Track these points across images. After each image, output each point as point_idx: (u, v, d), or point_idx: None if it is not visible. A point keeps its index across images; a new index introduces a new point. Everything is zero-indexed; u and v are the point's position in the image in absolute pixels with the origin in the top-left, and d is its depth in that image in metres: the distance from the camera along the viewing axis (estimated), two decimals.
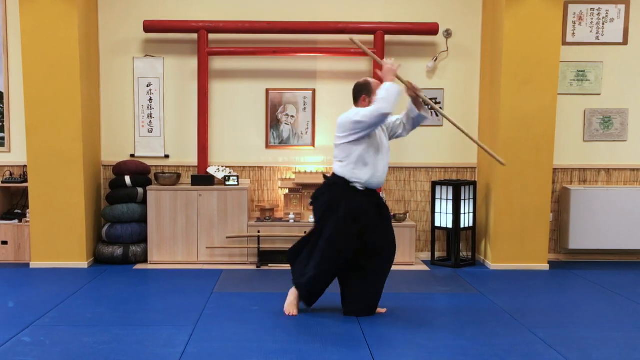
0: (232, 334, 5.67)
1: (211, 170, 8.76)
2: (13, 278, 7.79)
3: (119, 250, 8.45)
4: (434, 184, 8.75)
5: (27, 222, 8.50)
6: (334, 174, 6.17)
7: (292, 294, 6.35)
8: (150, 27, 8.61)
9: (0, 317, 6.16)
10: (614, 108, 8.98)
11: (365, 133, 5.97)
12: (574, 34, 8.87)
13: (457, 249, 8.57)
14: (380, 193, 6.47)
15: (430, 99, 8.78)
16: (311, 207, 6.46)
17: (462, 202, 8.55)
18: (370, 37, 8.73)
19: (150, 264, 8.49)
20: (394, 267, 6.36)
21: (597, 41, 8.91)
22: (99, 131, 8.95)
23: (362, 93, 6.20)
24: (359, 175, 6.03)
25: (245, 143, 9.04)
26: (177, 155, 9.09)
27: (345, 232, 6.03)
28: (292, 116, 9.06)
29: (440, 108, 8.35)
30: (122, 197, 8.58)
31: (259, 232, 8.41)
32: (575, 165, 9.04)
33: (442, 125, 9.02)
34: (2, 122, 8.86)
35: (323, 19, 8.76)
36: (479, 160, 9.06)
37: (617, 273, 8.33)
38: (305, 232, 6.98)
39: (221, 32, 8.75)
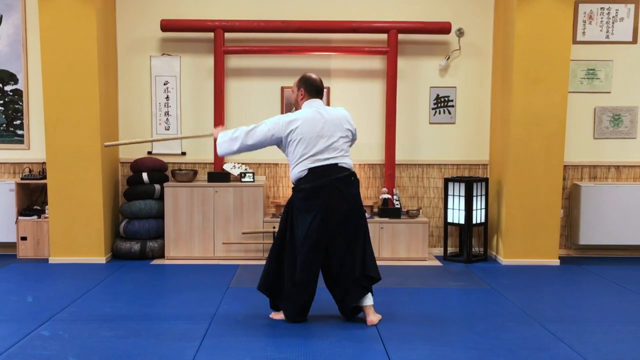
0: (248, 329, 5.76)
1: (227, 167, 8.86)
2: (32, 273, 7.91)
3: (136, 246, 8.58)
4: (447, 181, 8.82)
5: (45, 218, 8.65)
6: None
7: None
8: (167, 26, 8.72)
9: (19, 312, 6.27)
10: (623, 106, 9.05)
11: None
12: (584, 32, 8.94)
13: (469, 245, 8.65)
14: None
15: (443, 97, 8.93)
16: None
17: (474, 198, 8.61)
18: (384, 36, 8.85)
19: (167, 259, 8.61)
20: (407, 263, 6.35)
21: (607, 40, 8.98)
22: (116, 128, 9.05)
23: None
24: None
25: None
26: (194, 152, 9.19)
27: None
28: None
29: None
30: (140, 193, 8.70)
31: (274, 227, 8.50)
32: (585, 162, 9.12)
33: (454, 123, 9.11)
34: (22, 119, 8.99)
35: (337, 18, 8.87)
36: (491, 158, 9.13)
37: (627, 268, 8.41)
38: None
39: (237, 31, 8.85)
